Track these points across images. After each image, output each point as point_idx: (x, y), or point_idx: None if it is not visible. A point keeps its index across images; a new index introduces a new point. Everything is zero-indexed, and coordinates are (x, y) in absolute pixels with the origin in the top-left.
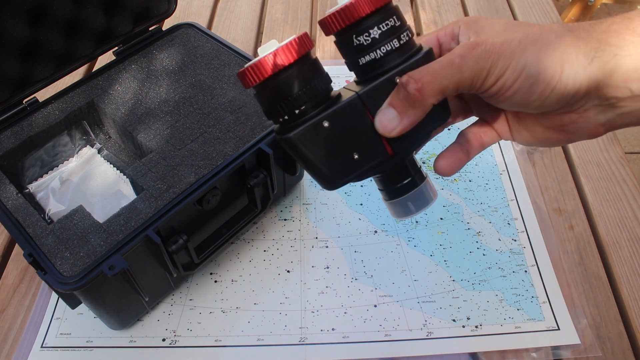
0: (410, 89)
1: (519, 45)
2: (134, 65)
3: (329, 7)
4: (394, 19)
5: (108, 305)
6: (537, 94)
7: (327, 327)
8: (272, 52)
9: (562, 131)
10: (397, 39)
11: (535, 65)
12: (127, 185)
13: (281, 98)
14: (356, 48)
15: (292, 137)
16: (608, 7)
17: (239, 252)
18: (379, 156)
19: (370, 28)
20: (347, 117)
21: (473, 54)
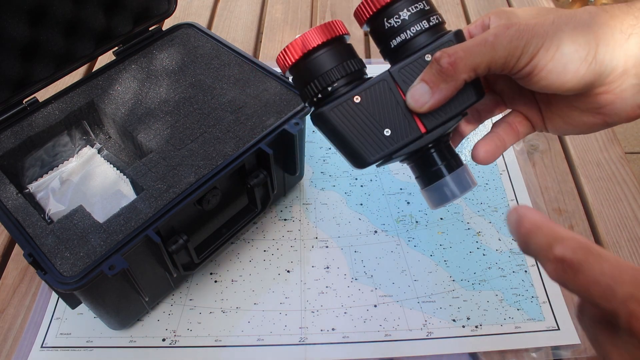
0: (443, 62)
1: (552, 25)
2: (134, 65)
3: (329, 7)
4: (423, 3)
5: (108, 305)
6: (572, 73)
7: (327, 327)
8: (303, 34)
9: (598, 114)
10: (426, 21)
11: (569, 43)
12: (127, 185)
13: (314, 76)
14: (387, 32)
15: (324, 110)
16: None
17: (239, 252)
18: (411, 133)
19: (400, 10)
20: (379, 94)
21: (507, 33)
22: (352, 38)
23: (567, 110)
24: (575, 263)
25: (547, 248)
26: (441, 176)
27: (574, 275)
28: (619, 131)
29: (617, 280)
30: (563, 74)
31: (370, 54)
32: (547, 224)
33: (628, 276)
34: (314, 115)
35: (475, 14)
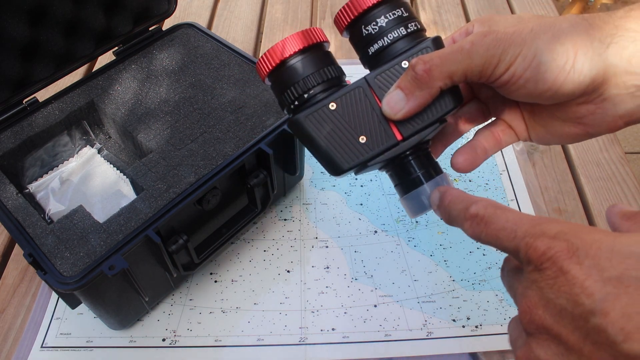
0: (418, 69)
1: (531, 33)
2: (134, 65)
3: (328, 7)
4: (402, 10)
5: (108, 305)
6: (550, 83)
7: (327, 327)
8: (281, 41)
9: (579, 124)
10: (404, 27)
11: (547, 52)
12: (127, 185)
13: (291, 83)
14: (366, 38)
15: (299, 117)
16: (608, 7)
17: (239, 252)
18: (387, 140)
19: (378, 17)
20: (355, 100)
21: (484, 41)
22: None
23: (550, 120)
24: (485, 216)
25: (464, 210)
26: (419, 184)
27: (485, 226)
28: (619, 131)
29: (518, 224)
30: (541, 82)
31: None
32: (463, 194)
33: (527, 220)
34: (290, 122)
35: (475, 14)
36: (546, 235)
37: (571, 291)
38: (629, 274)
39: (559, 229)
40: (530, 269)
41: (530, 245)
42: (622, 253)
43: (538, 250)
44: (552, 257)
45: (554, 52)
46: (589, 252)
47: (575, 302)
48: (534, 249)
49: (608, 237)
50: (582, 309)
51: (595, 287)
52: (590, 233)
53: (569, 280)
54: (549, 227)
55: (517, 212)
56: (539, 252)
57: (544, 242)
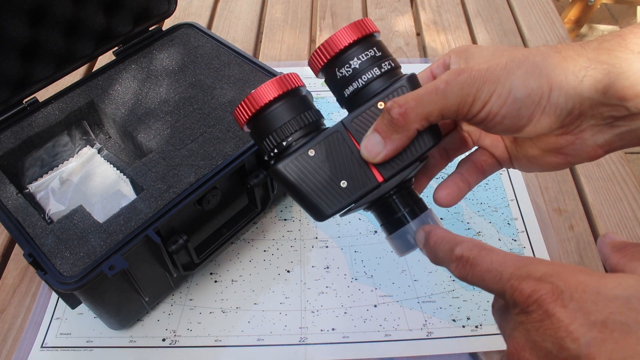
0: (393, 113)
1: (504, 70)
2: (134, 65)
3: (328, 7)
4: (374, 50)
5: (108, 305)
6: (526, 118)
7: (327, 327)
8: (256, 89)
9: (560, 154)
10: (377, 68)
11: (522, 88)
12: (127, 185)
13: (269, 131)
14: (340, 81)
15: (279, 167)
16: (608, 7)
17: (239, 252)
18: (368, 183)
19: (350, 59)
20: (333, 145)
21: (458, 80)
22: None
23: (531, 150)
24: (470, 258)
25: (450, 252)
26: (404, 223)
27: (471, 268)
28: None
29: (503, 265)
30: (517, 118)
31: None
32: (448, 235)
33: (511, 261)
34: (271, 170)
35: (475, 14)
36: (531, 278)
37: (557, 335)
38: (613, 318)
39: (544, 271)
40: (517, 311)
41: (515, 288)
42: (606, 296)
43: (524, 293)
44: (537, 299)
45: (529, 88)
46: (573, 295)
47: (560, 346)
48: (520, 291)
49: (593, 279)
50: (567, 354)
51: (581, 331)
52: (575, 275)
53: (554, 323)
54: (534, 269)
55: (502, 253)
56: (524, 294)
57: (529, 284)
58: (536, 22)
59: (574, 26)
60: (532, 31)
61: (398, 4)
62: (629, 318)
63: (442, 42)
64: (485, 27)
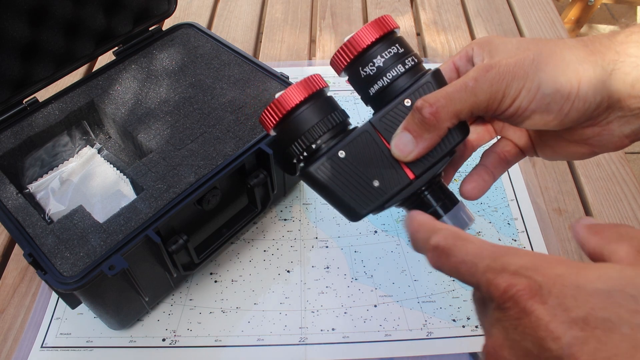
0: (425, 113)
1: (532, 64)
2: (134, 65)
3: (328, 7)
4: (397, 47)
5: (108, 305)
6: (555, 113)
7: (327, 327)
8: (279, 95)
9: (585, 144)
10: (401, 65)
11: (551, 83)
12: (127, 185)
13: (297, 135)
14: (364, 80)
15: (311, 170)
16: (608, 7)
17: (239, 252)
18: (400, 181)
19: (374, 57)
20: (362, 145)
21: (487, 76)
22: None
23: (556, 140)
24: (446, 248)
25: (426, 240)
26: (438, 217)
27: (446, 258)
28: None
29: (479, 257)
30: (547, 113)
31: None
32: (428, 222)
33: (487, 252)
34: (302, 174)
35: (475, 14)
36: (507, 271)
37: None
38: (595, 315)
39: (521, 264)
40: (494, 306)
41: (491, 283)
42: (587, 290)
43: (499, 288)
44: (513, 296)
45: (558, 83)
46: (552, 289)
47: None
48: (495, 286)
49: (572, 272)
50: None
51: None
52: (554, 267)
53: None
54: (509, 261)
55: (478, 243)
56: (500, 290)
57: (504, 279)
58: (536, 22)
59: (574, 26)
60: (532, 31)
61: (398, 4)
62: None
63: (442, 42)
64: (485, 27)
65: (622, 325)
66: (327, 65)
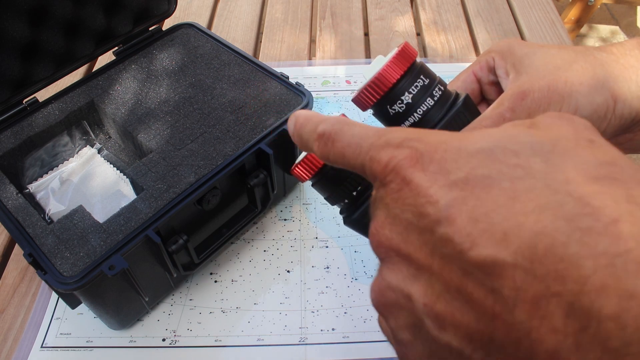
0: None
1: (566, 86)
2: (134, 65)
3: (328, 7)
4: (422, 79)
5: (108, 305)
6: None
7: (327, 327)
8: None
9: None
10: (430, 97)
11: (587, 106)
12: (127, 185)
13: (339, 183)
14: (394, 117)
15: (356, 217)
16: (608, 7)
17: (239, 252)
18: None
19: (401, 95)
20: None
21: (523, 105)
22: (352, 37)
23: None
24: (332, 134)
25: (314, 130)
26: None
27: (332, 144)
28: None
29: (364, 137)
30: None
31: (370, 54)
32: (315, 115)
33: (372, 132)
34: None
35: (475, 14)
36: (390, 145)
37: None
38: (475, 173)
39: (404, 137)
40: (377, 185)
41: (373, 159)
42: (468, 152)
43: (381, 162)
44: (394, 167)
45: (594, 104)
46: (434, 156)
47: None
48: (378, 161)
49: (455, 138)
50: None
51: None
52: (437, 135)
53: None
54: (393, 136)
55: (365, 127)
56: (382, 163)
57: (387, 152)
58: (536, 22)
59: (574, 26)
60: (532, 31)
61: (398, 4)
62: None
63: (442, 42)
64: (485, 27)
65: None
66: (327, 65)
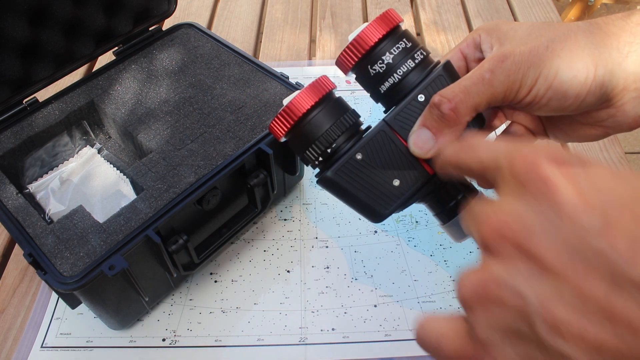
0: (444, 109)
1: (547, 51)
2: (134, 65)
3: (328, 7)
4: (404, 42)
5: (108, 305)
6: (573, 98)
7: (327, 327)
8: (290, 101)
9: (599, 126)
10: (411, 59)
11: (567, 70)
12: (127, 185)
13: (312, 140)
14: (374, 78)
15: (329, 175)
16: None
17: (239, 252)
18: (420, 178)
19: (382, 55)
20: (379, 145)
21: (503, 67)
22: None
23: (569, 123)
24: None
25: None
26: (458, 212)
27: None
28: None
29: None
30: (564, 99)
31: None
32: None
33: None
34: (320, 179)
35: (475, 14)
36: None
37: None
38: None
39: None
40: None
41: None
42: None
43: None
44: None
45: (574, 69)
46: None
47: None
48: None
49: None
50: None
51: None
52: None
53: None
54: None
55: None
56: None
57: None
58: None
59: None
60: None
61: (398, 4)
62: None
63: (442, 42)
64: None
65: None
66: (327, 65)
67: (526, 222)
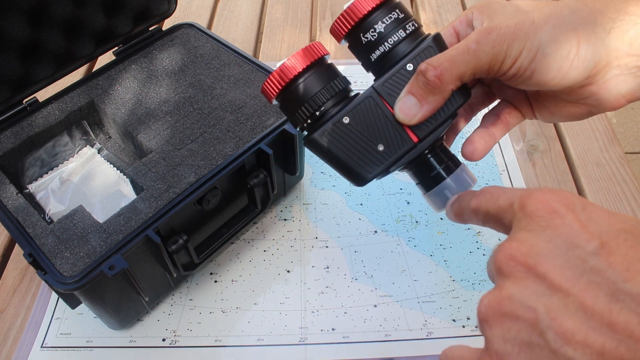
0: (429, 76)
1: (532, 25)
2: (134, 65)
3: (328, 7)
4: (397, 12)
5: (108, 305)
6: (555, 72)
7: (327, 327)
8: (282, 64)
9: (582, 104)
10: (402, 30)
11: (550, 44)
12: (127, 185)
13: (301, 102)
14: (366, 46)
15: (315, 136)
16: None
17: (239, 252)
18: (404, 144)
19: (375, 23)
20: (366, 111)
21: (488, 39)
22: None
23: (554, 101)
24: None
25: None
26: (441, 180)
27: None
28: (619, 131)
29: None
30: (546, 73)
31: None
32: None
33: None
34: (307, 141)
35: None
36: (541, 191)
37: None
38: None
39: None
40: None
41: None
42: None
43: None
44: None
45: (558, 42)
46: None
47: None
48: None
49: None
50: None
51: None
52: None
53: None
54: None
55: None
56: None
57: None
58: None
59: None
60: None
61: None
62: None
63: None
64: None
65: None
66: None
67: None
